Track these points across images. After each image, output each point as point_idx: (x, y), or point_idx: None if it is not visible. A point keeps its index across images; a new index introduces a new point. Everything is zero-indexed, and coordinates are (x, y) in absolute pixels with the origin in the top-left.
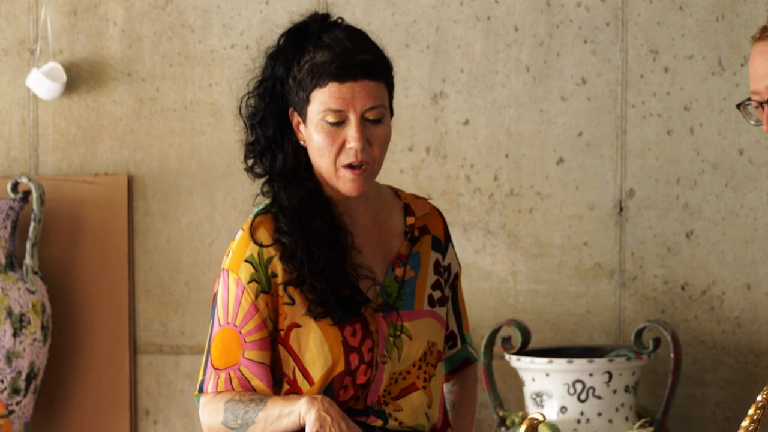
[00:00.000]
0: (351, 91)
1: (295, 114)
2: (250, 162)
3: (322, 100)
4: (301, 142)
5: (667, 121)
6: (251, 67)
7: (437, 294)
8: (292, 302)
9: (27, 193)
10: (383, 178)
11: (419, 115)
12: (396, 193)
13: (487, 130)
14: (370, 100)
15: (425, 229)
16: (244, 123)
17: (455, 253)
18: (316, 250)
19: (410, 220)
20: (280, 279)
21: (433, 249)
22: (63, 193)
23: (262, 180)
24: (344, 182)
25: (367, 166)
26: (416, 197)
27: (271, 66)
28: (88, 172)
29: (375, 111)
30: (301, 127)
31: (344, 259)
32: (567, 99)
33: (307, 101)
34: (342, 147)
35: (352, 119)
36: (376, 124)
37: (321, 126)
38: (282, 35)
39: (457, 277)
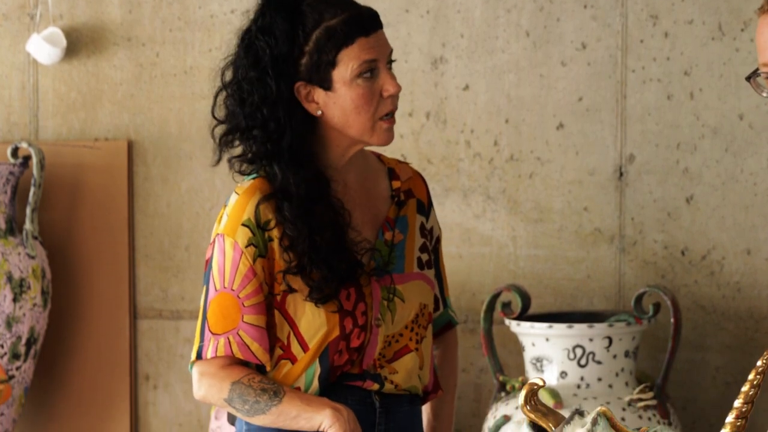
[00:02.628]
0: (376, 41)
1: (306, 86)
2: (248, 149)
3: (354, 56)
4: (317, 113)
5: (667, 86)
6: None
7: (425, 256)
8: (291, 291)
9: (27, 158)
10: None
11: (419, 80)
12: (379, 158)
13: (487, 95)
14: (387, 45)
15: (410, 193)
16: (237, 107)
17: (436, 216)
18: (318, 239)
19: (396, 183)
20: (276, 246)
21: (418, 212)
22: (63, 158)
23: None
24: (380, 133)
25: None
26: (399, 162)
27: (267, 44)
28: (88, 137)
29: (391, 54)
30: (317, 96)
31: (343, 239)
32: (567, 64)
33: (332, 64)
34: (380, 98)
35: (382, 68)
36: (390, 68)
37: (357, 83)
38: (262, 12)
39: (438, 240)
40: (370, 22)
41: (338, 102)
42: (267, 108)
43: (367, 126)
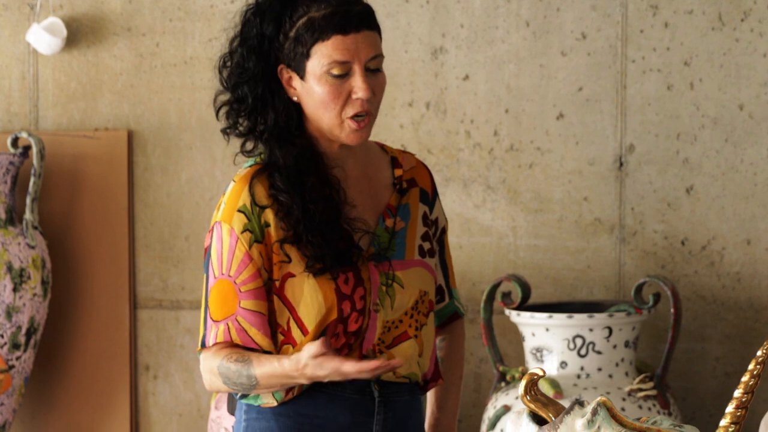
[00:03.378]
0: (354, 42)
1: (287, 70)
2: (232, 120)
3: (326, 53)
4: (294, 99)
5: (667, 76)
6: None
7: (427, 245)
8: (289, 260)
9: (27, 148)
10: (383, 133)
11: (419, 70)
12: (382, 147)
13: (487, 85)
14: (372, 49)
15: (413, 182)
16: (224, 82)
17: (442, 207)
18: (311, 207)
19: (398, 172)
20: (273, 231)
21: (421, 201)
22: (63, 148)
23: (242, 138)
24: (348, 133)
25: (369, 115)
26: (402, 151)
27: (257, 23)
28: (88, 127)
29: (376, 60)
30: (295, 82)
31: (339, 214)
32: (567, 54)
33: (306, 56)
34: (348, 98)
35: (357, 70)
36: (376, 73)
37: (325, 79)
38: None
39: (444, 231)
40: (355, 22)
41: (309, 93)
42: (246, 84)
43: (334, 123)
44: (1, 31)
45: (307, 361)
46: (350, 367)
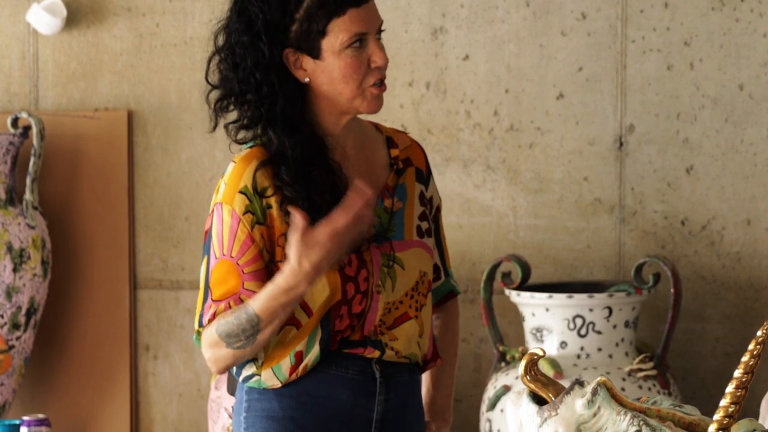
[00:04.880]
0: (367, 12)
1: (294, 53)
2: (240, 114)
3: (344, 27)
4: (304, 80)
5: (667, 56)
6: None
7: (424, 225)
8: None
9: (27, 129)
10: (383, 113)
11: (419, 50)
12: (377, 127)
13: (487, 65)
14: (378, 17)
15: (408, 161)
16: (231, 72)
17: (435, 185)
18: (318, 199)
19: (394, 152)
20: (275, 213)
21: (417, 180)
22: (63, 129)
23: (245, 130)
24: (370, 101)
25: (385, 80)
26: (396, 130)
27: (258, 9)
28: (88, 107)
29: (381, 25)
30: (305, 63)
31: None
32: (567, 34)
33: (322, 34)
34: (367, 68)
35: (371, 39)
36: (380, 39)
37: (346, 53)
38: None
39: (438, 209)
40: None
41: (326, 70)
42: (260, 72)
43: (355, 94)
44: (1, 11)
45: (299, 249)
46: (341, 215)
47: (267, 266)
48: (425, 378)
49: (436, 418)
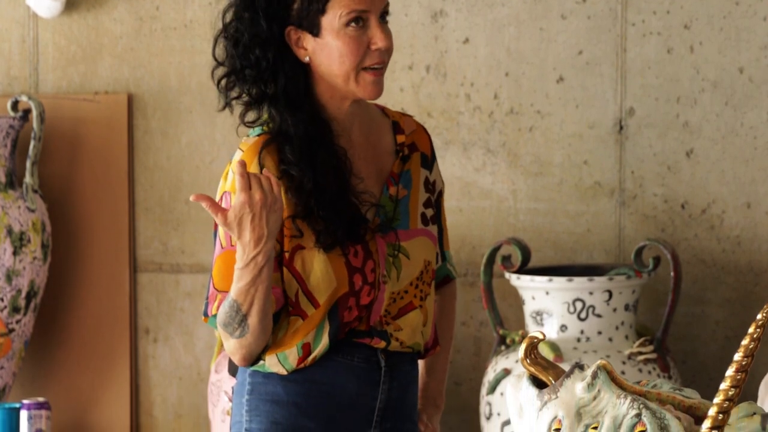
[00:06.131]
0: None
1: (296, 31)
2: (240, 90)
3: (344, 3)
4: (305, 59)
5: (667, 39)
6: None
7: (429, 212)
8: (300, 235)
9: (27, 112)
10: (383, 96)
11: (419, 33)
12: (383, 110)
13: (487, 48)
14: None
15: (414, 147)
16: (232, 48)
17: (439, 169)
18: (322, 181)
19: (400, 138)
20: (283, 201)
21: (422, 166)
22: (63, 112)
23: (247, 108)
24: (365, 86)
25: (385, 67)
26: (403, 114)
27: None
28: (88, 91)
29: (387, 9)
30: (306, 42)
31: (347, 187)
32: (567, 17)
33: (321, 11)
34: (366, 50)
35: (372, 20)
36: (385, 23)
37: (344, 32)
38: None
39: (441, 194)
40: None
41: (325, 50)
42: (258, 48)
43: (350, 76)
44: None
45: (234, 223)
46: (237, 196)
47: (277, 255)
48: (419, 364)
49: (428, 404)
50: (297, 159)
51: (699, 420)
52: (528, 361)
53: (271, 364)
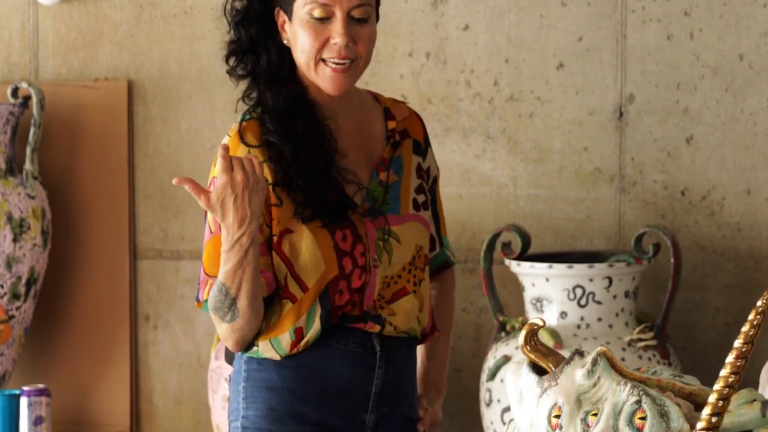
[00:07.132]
0: None
1: (281, 13)
2: (232, 62)
3: None
4: (285, 42)
5: (667, 26)
6: None
7: (421, 198)
8: (280, 203)
9: (27, 98)
10: (383, 83)
11: (419, 20)
12: (375, 97)
13: (487, 35)
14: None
15: (406, 133)
16: (228, 22)
17: (434, 156)
18: (302, 152)
19: (391, 124)
20: (269, 181)
21: (414, 152)
22: (63, 98)
23: (244, 85)
24: (324, 79)
25: (350, 64)
26: (395, 101)
27: None
28: (88, 77)
29: (361, 9)
30: (287, 26)
31: (330, 163)
32: (567, 4)
33: None
34: (326, 43)
35: (338, 16)
36: (362, 24)
37: (306, 21)
38: None
39: (436, 180)
40: None
41: (294, 36)
42: (245, 24)
43: (310, 66)
44: None
45: (217, 205)
46: (219, 177)
47: (266, 240)
48: (419, 349)
49: (428, 389)
50: (275, 128)
51: (699, 407)
52: (528, 347)
53: (265, 349)
